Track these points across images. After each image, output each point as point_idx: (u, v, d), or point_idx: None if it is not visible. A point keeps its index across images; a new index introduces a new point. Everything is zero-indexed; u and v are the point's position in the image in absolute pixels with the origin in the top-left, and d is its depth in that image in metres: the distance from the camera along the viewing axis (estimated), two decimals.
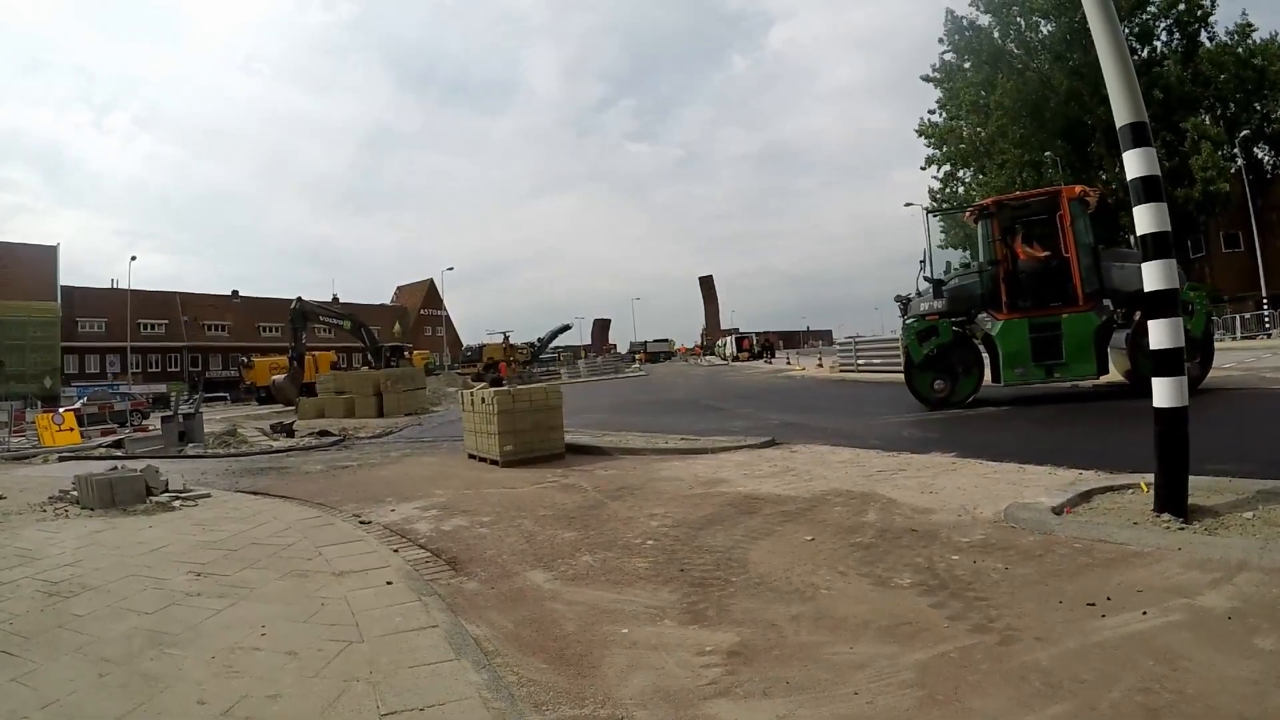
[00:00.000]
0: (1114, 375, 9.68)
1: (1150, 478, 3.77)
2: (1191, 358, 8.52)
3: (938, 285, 9.96)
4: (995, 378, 9.67)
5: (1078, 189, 9.63)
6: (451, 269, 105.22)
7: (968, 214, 10.20)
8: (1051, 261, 9.47)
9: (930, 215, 10.26)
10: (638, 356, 62.85)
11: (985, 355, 10.11)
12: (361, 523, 5.27)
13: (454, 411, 16.46)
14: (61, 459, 12.87)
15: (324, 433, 14.58)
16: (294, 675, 2.51)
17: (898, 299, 11.07)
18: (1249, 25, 34.12)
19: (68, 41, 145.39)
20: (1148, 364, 8.91)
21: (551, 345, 56.78)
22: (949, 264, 10.32)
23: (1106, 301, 9.13)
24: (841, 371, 21.40)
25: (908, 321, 10.26)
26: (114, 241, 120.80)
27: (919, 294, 10.40)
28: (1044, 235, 9.78)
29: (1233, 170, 32.05)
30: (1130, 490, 4.14)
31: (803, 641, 2.60)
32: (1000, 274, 9.53)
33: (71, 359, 52.17)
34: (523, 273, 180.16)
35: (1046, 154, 34.88)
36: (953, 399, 9.72)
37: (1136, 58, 32.20)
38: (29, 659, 2.79)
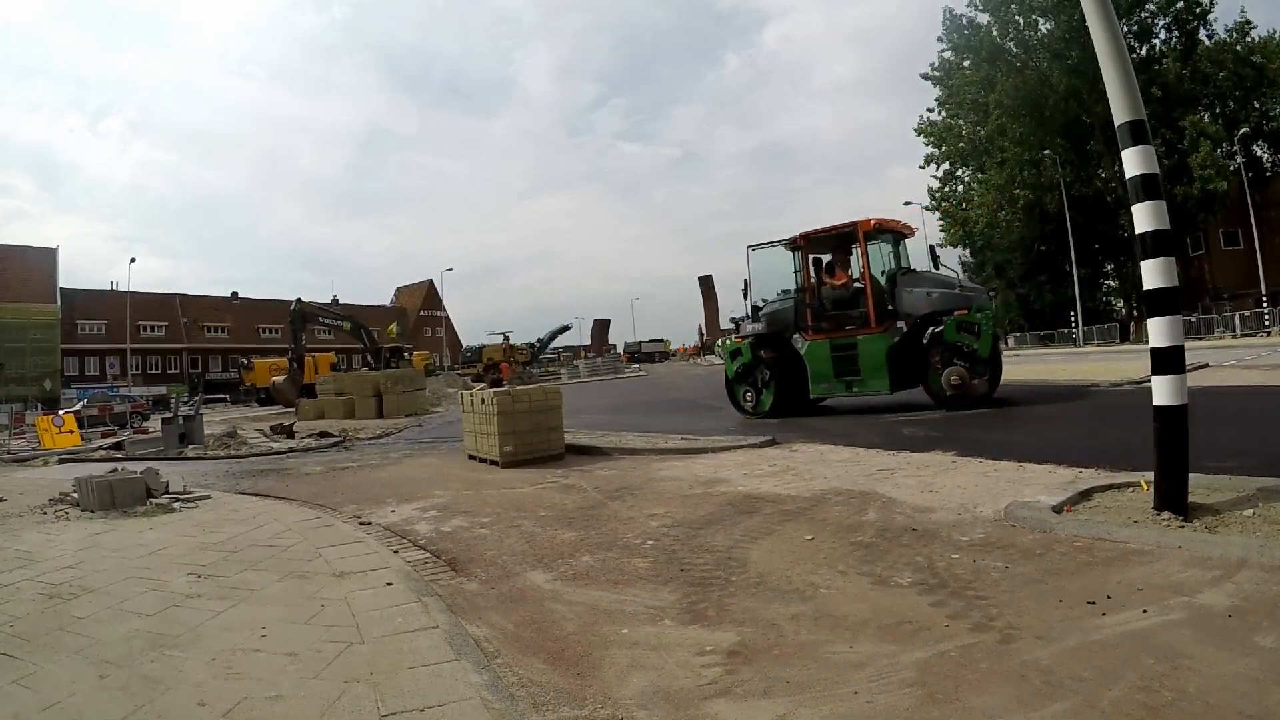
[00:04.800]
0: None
1: (1150, 476, 3.77)
2: (980, 375, 9.39)
3: (755, 310, 11.27)
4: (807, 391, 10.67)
5: (872, 222, 10.43)
6: (451, 270, 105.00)
7: (786, 244, 11.17)
8: (849, 288, 10.41)
9: (750, 250, 11.26)
10: (621, 358, 60.82)
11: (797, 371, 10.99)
12: (361, 524, 5.26)
13: (454, 412, 16.46)
14: (61, 461, 12.85)
15: (324, 434, 14.58)
16: (294, 677, 2.52)
17: (732, 320, 12.40)
18: (1248, 23, 34.23)
19: (61, 48, 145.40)
20: (936, 379, 9.58)
21: (551, 346, 56.80)
22: (786, 291, 11.38)
23: (900, 324, 9.90)
24: None
25: (721, 343, 11.37)
26: (110, 246, 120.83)
27: (747, 316, 11.63)
28: (846, 265, 10.77)
29: (1232, 168, 32.06)
30: (1130, 488, 4.14)
31: (803, 641, 2.60)
32: (806, 300, 10.61)
33: (71, 361, 52.20)
34: (521, 273, 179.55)
35: (1046, 152, 34.94)
36: (759, 410, 10.91)
37: (1135, 55, 32.23)
38: (30, 661, 2.79)
